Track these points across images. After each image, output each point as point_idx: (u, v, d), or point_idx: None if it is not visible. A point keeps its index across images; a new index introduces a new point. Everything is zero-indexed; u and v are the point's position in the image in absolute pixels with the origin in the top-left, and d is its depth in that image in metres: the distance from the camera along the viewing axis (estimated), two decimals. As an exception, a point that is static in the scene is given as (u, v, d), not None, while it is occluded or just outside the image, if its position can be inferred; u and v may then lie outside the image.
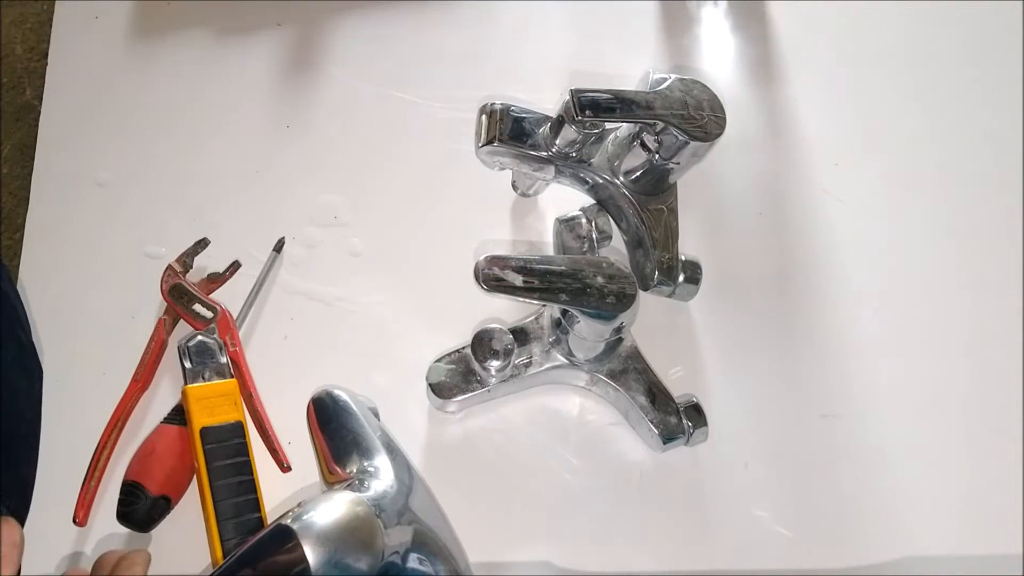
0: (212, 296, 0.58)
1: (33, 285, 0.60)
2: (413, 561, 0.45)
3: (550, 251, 0.60)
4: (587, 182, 0.57)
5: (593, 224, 0.57)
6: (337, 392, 0.51)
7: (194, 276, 0.59)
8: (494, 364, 0.52)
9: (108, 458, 0.54)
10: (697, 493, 0.55)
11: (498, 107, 0.54)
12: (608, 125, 0.54)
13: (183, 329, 0.58)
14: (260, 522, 0.51)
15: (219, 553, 0.49)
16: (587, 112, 0.50)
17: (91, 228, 0.62)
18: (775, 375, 0.58)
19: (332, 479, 0.48)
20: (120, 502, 0.52)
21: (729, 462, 0.55)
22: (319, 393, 0.51)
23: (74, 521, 0.52)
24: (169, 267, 0.59)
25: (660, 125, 0.51)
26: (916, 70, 0.66)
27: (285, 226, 0.62)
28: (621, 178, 0.56)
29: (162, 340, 0.57)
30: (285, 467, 0.54)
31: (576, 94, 0.50)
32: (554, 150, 0.54)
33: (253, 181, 0.63)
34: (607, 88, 0.51)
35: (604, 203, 0.58)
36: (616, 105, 0.50)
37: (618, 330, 0.52)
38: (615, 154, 0.56)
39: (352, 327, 0.59)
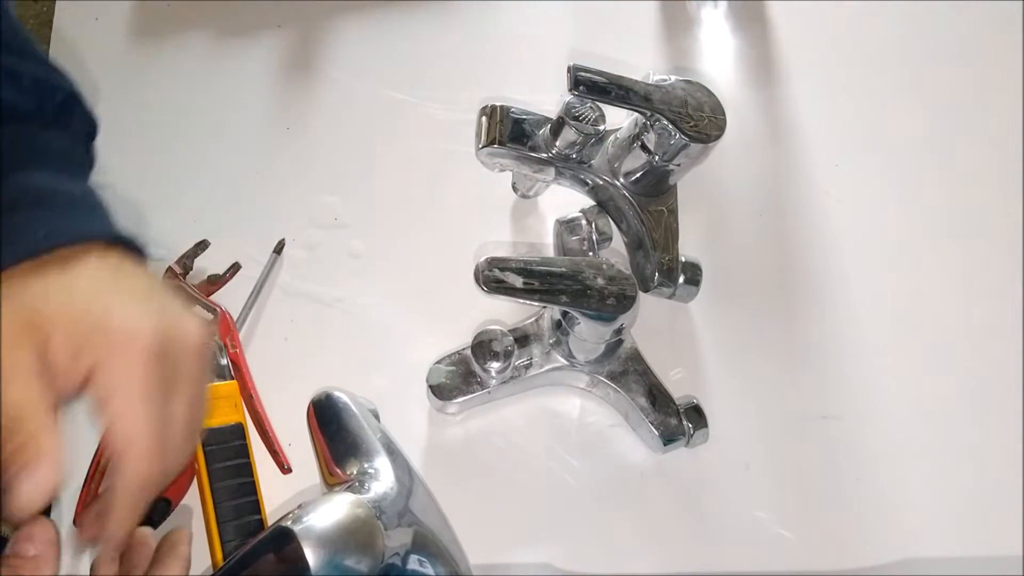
0: (212, 298, 0.58)
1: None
2: (413, 563, 0.45)
3: (550, 253, 0.60)
4: (587, 183, 0.57)
5: (593, 225, 0.57)
6: (337, 394, 0.51)
7: (194, 278, 0.59)
8: (494, 366, 0.52)
9: (108, 460, 0.54)
10: (697, 495, 0.55)
11: (498, 108, 0.54)
12: (608, 127, 0.54)
13: (183, 331, 0.58)
14: (260, 524, 0.51)
15: (219, 555, 0.49)
16: (581, 88, 0.50)
17: (91, 230, 0.62)
18: (776, 376, 0.58)
19: (332, 481, 0.48)
20: (120, 504, 0.52)
21: (730, 463, 0.55)
22: (319, 395, 0.51)
23: (75, 523, 0.52)
24: (169, 269, 0.59)
25: (656, 119, 0.51)
26: (916, 70, 0.66)
27: (285, 228, 0.62)
28: (621, 179, 0.56)
29: (162, 342, 0.57)
30: (285, 469, 0.54)
31: (575, 70, 0.50)
32: (554, 152, 0.54)
33: (253, 183, 0.63)
34: (608, 71, 0.51)
35: (604, 204, 0.58)
36: (612, 88, 0.50)
37: (618, 332, 0.52)
38: (615, 156, 0.56)
39: (352, 329, 0.59)
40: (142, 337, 0.38)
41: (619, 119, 0.55)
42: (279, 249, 0.61)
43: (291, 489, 0.54)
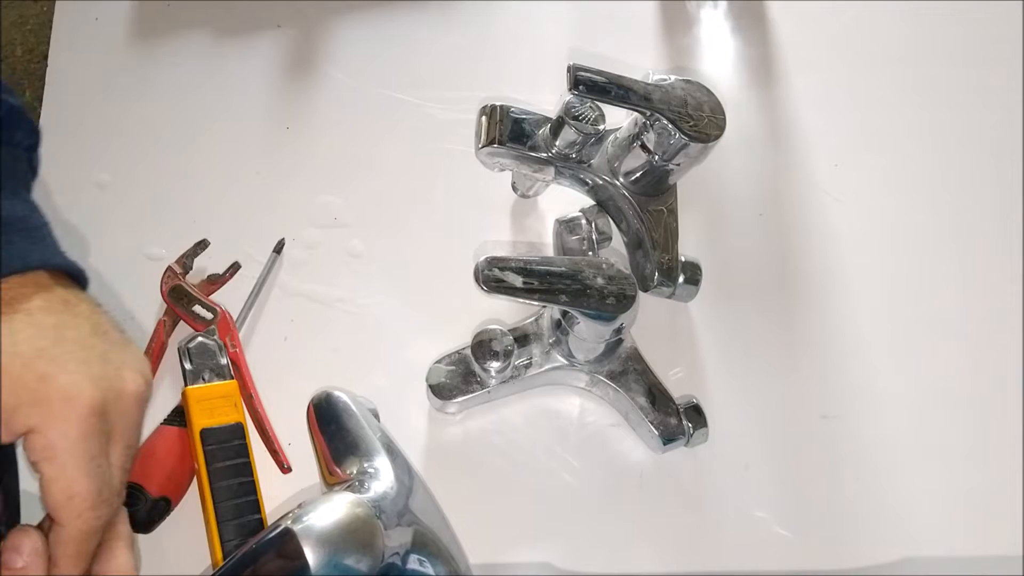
0: (212, 297, 0.58)
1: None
2: (413, 562, 0.45)
3: (550, 252, 0.60)
4: (587, 183, 0.57)
5: (593, 225, 0.57)
6: (337, 393, 0.51)
7: (194, 277, 0.59)
8: (494, 365, 0.52)
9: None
10: (697, 494, 0.55)
11: (498, 108, 0.54)
12: (608, 127, 0.54)
13: (183, 330, 0.58)
14: (260, 523, 0.51)
15: (219, 554, 0.49)
16: (581, 88, 0.50)
17: (91, 229, 0.62)
18: (775, 376, 0.58)
19: (332, 480, 0.48)
20: (120, 503, 0.52)
21: (729, 463, 0.55)
22: (319, 394, 0.51)
23: None
24: (169, 268, 0.59)
25: (656, 118, 0.51)
26: (916, 70, 0.66)
27: (285, 227, 0.62)
28: (621, 179, 0.56)
29: (162, 341, 0.57)
30: (285, 468, 0.54)
31: (575, 70, 0.50)
32: (554, 151, 0.54)
33: (253, 182, 0.63)
34: (608, 71, 0.51)
35: (604, 204, 0.58)
36: (611, 88, 0.50)
37: (618, 331, 0.52)
38: (615, 155, 0.56)
39: (352, 328, 0.59)
40: (80, 401, 0.39)
41: (619, 119, 0.55)
42: (279, 249, 0.61)
43: (291, 489, 0.54)
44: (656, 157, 0.53)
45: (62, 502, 0.39)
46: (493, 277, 0.47)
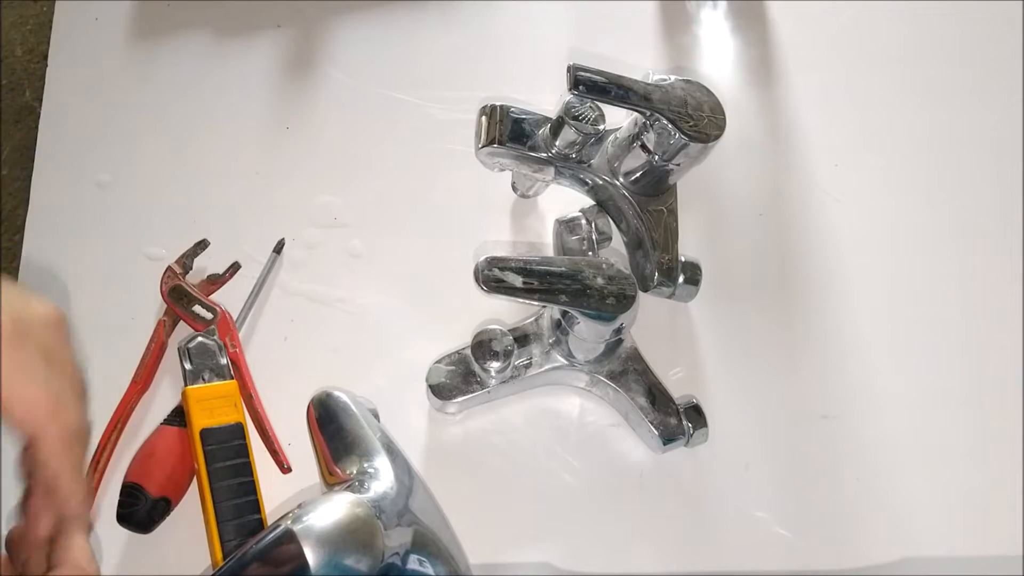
0: (212, 297, 0.58)
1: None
2: (413, 562, 0.45)
3: (550, 252, 0.60)
4: (587, 183, 0.57)
5: (593, 225, 0.57)
6: (337, 393, 0.51)
7: (194, 277, 0.59)
8: (494, 365, 0.52)
9: (108, 459, 0.54)
10: (697, 494, 0.55)
11: (498, 108, 0.54)
12: (608, 127, 0.54)
13: (183, 330, 0.58)
14: (260, 523, 0.51)
15: (219, 554, 0.49)
16: (581, 88, 0.50)
17: (91, 229, 0.62)
18: (775, 376, 0.58)
19: (332, 480, 0.48)
20: (120, 503, 0.52)
21: (729, 463, 0.55)
22: (319, 394, 0.51)
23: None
24: (169, 268, 0.59)
25: (655, 118, 0.51)
26: (916, 70, 0.66)
27: (285, 227, 0.62)
28: (621, 179, 0.56)
29: (162, 341, 0.57)
30: (285, 468, 0.54)
31: (575, 70, 0.50)
32: (554, 151, 0.54)
33: (253, 182, 0.63)
34: (608, 71, 0.51)
35: (604, 204, 0.58)
36: (611, 88, 0.50)
37: (618, 331, 0.52)
38: (615, 155, 0.56)
39: (352, 328, 0.59)
40: None
41: (619, 119, 0.55)
42: (279, 249, 0.61)
43: (291, 488, 0.54)
44: (656, 157, 0.53)
45: (27, 415, 0.38)
46: (493, 277, 0.47)
